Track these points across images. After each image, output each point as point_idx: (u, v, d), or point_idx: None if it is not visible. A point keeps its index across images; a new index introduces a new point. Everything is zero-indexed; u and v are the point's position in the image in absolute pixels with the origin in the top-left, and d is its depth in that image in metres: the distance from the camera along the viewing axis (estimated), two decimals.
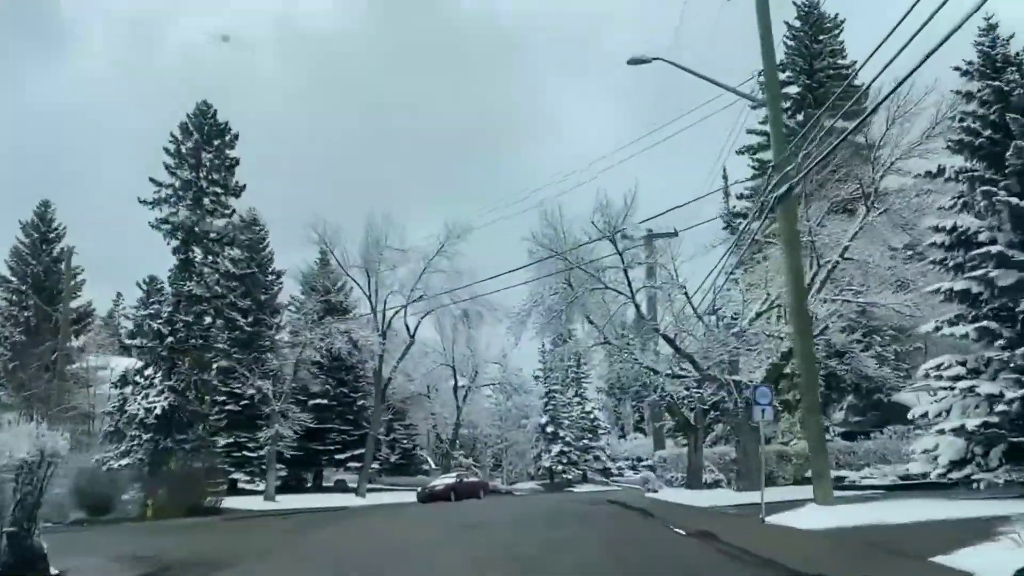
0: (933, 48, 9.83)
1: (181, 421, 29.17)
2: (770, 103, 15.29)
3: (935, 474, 13.28)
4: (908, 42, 10.17)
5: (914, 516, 11.91)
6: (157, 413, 28.03)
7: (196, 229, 30.54)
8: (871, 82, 14.99)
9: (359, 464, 40.18)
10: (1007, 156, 13.10)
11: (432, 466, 52.55)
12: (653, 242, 25.89)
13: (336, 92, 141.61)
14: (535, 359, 57.16)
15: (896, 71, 11.49)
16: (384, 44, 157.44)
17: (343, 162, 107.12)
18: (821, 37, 34.73)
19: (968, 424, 12.10)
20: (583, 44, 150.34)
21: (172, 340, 28.90)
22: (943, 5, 8.65)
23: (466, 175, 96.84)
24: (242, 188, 32.31)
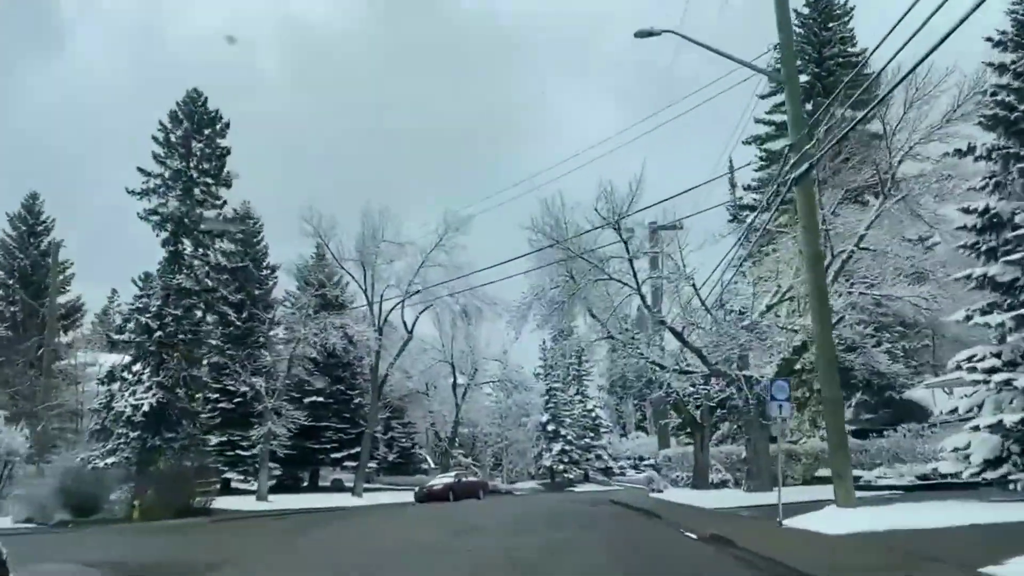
0: (961, 18, 8.87)
1: (170, 418, 28.21)
2: (787, 79, 14.37)
3: (967, 474, 12.33)
4: (925, 21, 9.26)
5: (949, 520, 11.00)
6: (145, 410, 27.08)
7: (186, 220, 29.55)
8: (886, 64, 14.14)
9: (356, 463, 39.23)
10: None
11: (431, 465, 51.61)
12: (658, 233, 24.95)
13: (336, 91, 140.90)
14: (536, 356, 56.25)
15: (912, 54, 10.72)
16: (384, 43, 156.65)
17: (343, 162, 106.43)
18: (831, 24, 33.78)
19: (1006, 420, 11.16)
20: (583, 43, 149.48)
21: (161, 335, 27.93)
22: None
23: (467, 175, 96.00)
24: (234, 178, 31.37)
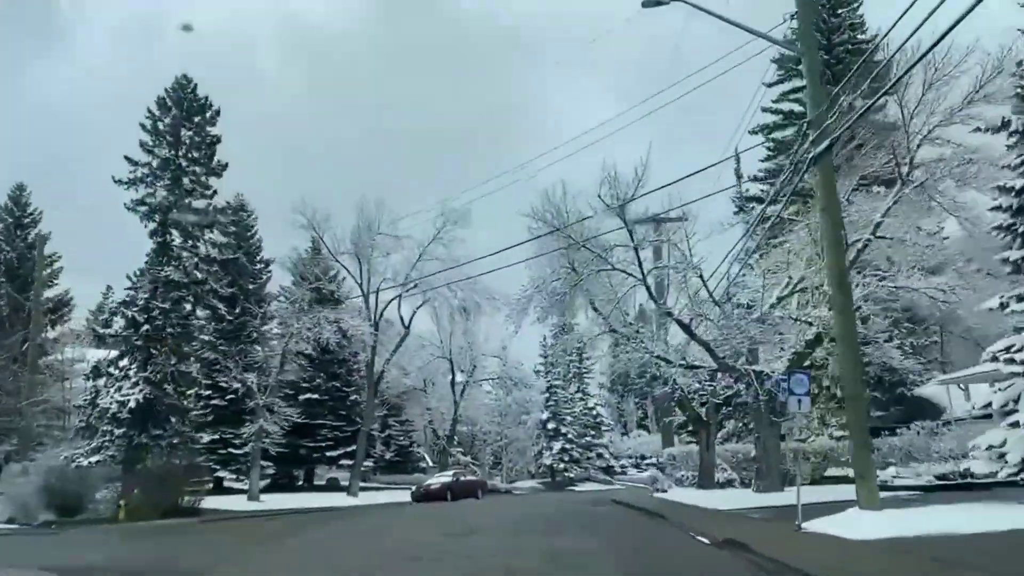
0: None
1: (158, 415, 27.29)
2: (805, 51, 13.44)
3: (1004, 473, 11.38)
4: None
5: (984, 524, 10.07)
6: (131, 407, 26.16)
7: (175, 210, 28.58)
8: (904, 42, 13.14)
9: (352, 462, 38.29)
10: None
11: (430, 464, 50.69)
12: (663, 224, 24.01)
13: (336, 91, 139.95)
14: (536, 353, 55.36)
15: (931, 31, 9.83)
16: (383, 42, 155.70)
17: (343, 161, 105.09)
18: (839, 10, 32.75)
19: None
20: (585, 42, 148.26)
21: (148, 329, 27.00)
22: None
23: (467, 174, 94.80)
24: (224, 167, 30.28)
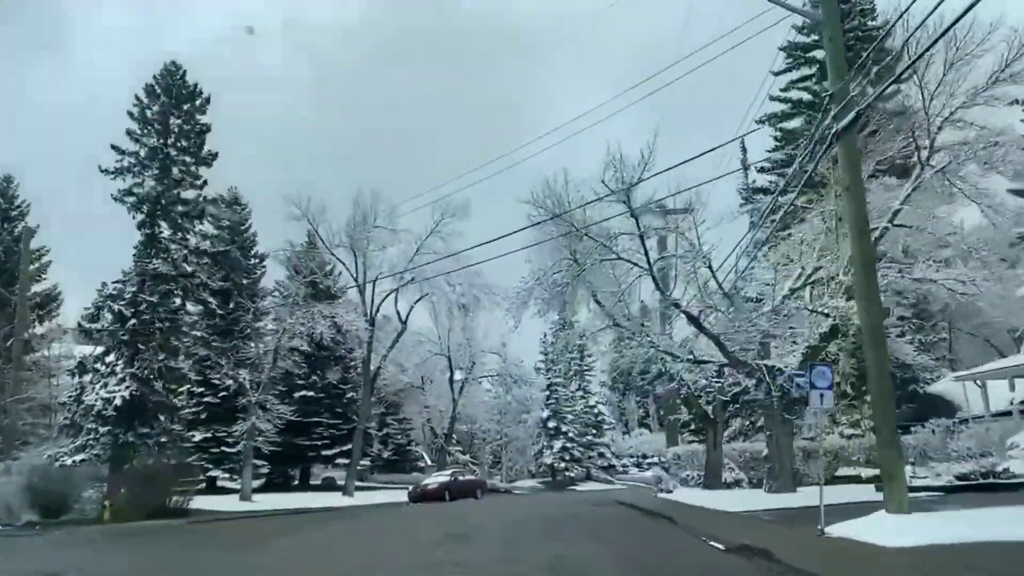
0: None
1: (145, 413, 26.38)
2: (826, 19, 12.46)
3: None
4: None
5: None
6: (117, 404, 25.23)
7: (163, 201, 27.59)
8: (925, 18, 12.29)
9: (348, 460, 37.38)
10: None
11: (428, 463, 49.78)
12: (669, 214, 23.07)
13: (334, 92, 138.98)
14: (536, 350, 54.47)
15: (951, 7, 9.05)
16: (383, 41, 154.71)
17: (343, 161, 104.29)
18: None
19: None
20: (584, 40, 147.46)
21: (135, 323, 26.06)
22: None
23: (465, 174, 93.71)
24: (214, 156, 29.25)
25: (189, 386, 34.57)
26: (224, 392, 32.60)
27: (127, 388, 25.57)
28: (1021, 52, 16.11)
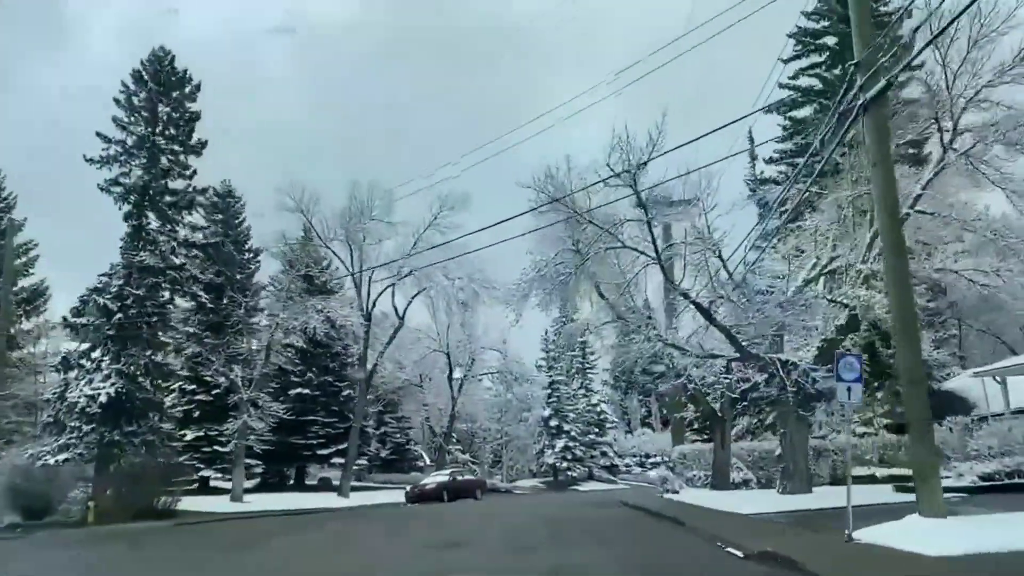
0: None
1: (132, 410, 25.45)
2: None
3: None
4: None
5: None
6: (102, 401, 24.31)
7: (151, 191, 26.63)
8: (936, 7, 11.43)
9: (344, 460, 36.42)
10: None
11: (427, 462, 48.82)
12: (675, 204, 22.10)
13: (335, 91, 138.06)
14: (538, 347, 53.56)
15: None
16: (384, 41, 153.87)
17: (344, 161, 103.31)
18: None
19: None
20: (585, 39, 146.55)
21: (121, 317, 25.14)
22: None
23: (466, 173, 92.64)
24: (203, 145, 28.22)
25: (180, 383, 33.68)
26: (216, 390, 31.72)
27: (113, 385, 24.67)
28: None
